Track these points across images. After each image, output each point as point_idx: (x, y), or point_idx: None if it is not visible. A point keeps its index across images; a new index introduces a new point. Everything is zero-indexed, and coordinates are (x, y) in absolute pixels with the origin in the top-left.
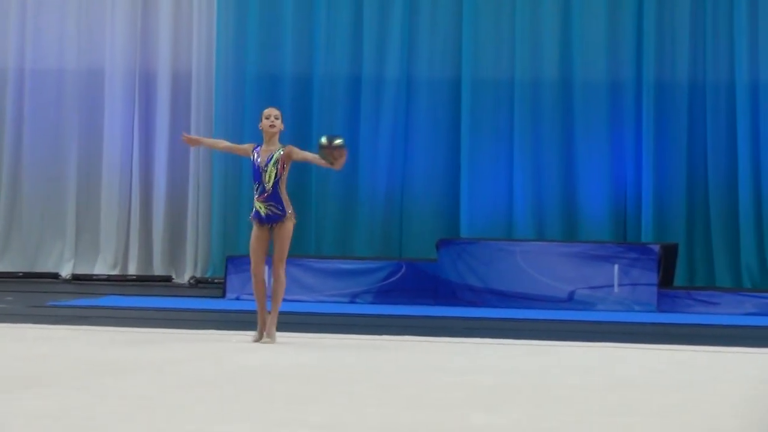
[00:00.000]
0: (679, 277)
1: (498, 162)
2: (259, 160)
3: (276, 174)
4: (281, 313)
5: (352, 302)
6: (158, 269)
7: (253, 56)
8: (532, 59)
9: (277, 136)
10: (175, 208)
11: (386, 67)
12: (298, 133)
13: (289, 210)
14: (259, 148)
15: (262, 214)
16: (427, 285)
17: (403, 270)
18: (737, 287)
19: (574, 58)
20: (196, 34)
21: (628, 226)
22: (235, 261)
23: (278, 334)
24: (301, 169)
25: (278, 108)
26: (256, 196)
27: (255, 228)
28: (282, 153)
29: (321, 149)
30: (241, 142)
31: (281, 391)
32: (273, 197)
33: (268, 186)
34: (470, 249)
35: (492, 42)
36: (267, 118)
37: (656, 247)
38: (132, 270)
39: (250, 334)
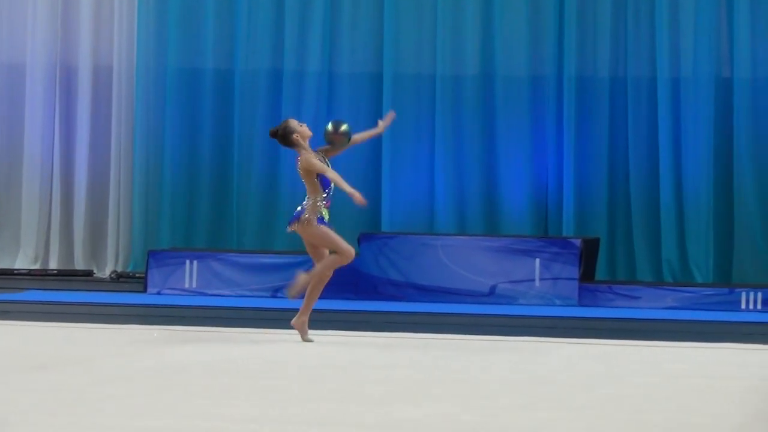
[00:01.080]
0: (601, 271)
1: (419, 156)
2: (321, 156)
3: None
4: (211, 307)
5: (273, 296)
6: (79, 264)
7: (174, 50)
8: (453, 54)
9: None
10: (96, 202)
11: (308, 60)
12: (219, 127)
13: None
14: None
15: (326, 220)
16: (349, 279)
17: None
18: (658, 281)
19: (495, 53)
20: (117, 28)
21: (549, 220)
22: (157, 255)
23: (198, 329)
24: (222, 163)
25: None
26: (326, 203)
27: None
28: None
29: (326, 135)
30: (161, 136)
31: (204, 385)
32: (328, 200)
33: (332, 189)
34: (391, 243)
35: (413, 36)
36: (301, 125)
37: (577, 242)
38: (53, 264)
39: (173, 328)
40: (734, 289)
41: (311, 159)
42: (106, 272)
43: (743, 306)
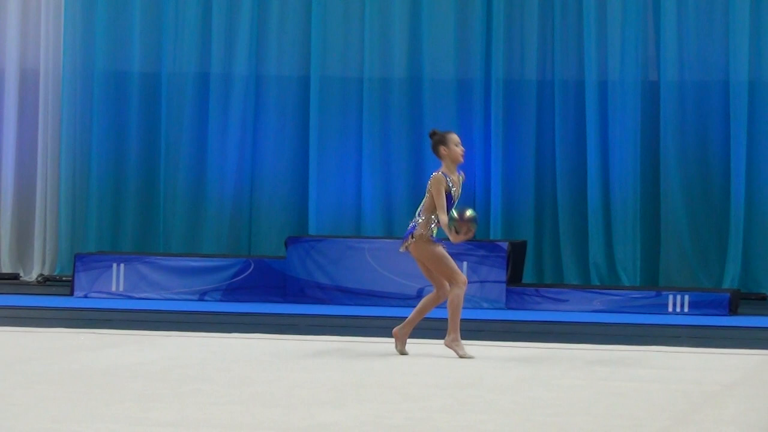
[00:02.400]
0: (528, 275)
1: (347, 159)
2: (453, 189)
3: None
4: (137, 311)
5: (200, 300)
6: (6, 267)
7: (101, 53)
8: (381, 57)
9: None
10: (23, 205)
11: (235, 64)
12: (146, 130)
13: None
14: (447, 177)
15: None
16: (276, 282)
17: (252, 267)
18: (585, 284)
19: (423, 56)
20: (43, 31)
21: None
22: (84, 259)
23: (125, 332)
24: (149, 166)
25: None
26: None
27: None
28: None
29: (452, 221)
30: (88, 139)
31: (130, 389)
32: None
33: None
34: (319, 246)
35: (341, 39)
36: (457, 146)
37: (505, 245)
38: None
39: (99, 332)
40: (661, 291)
41: (440, 185)
42: (33, 276)
43: (670, 309)
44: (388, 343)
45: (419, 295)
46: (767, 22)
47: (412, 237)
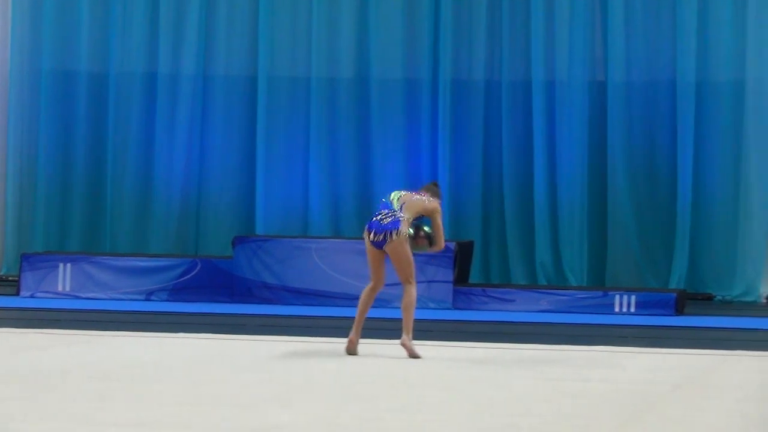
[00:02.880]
0: (475, 275)
1: (294, 159)
2: None
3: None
4: (84, 310)
5: (147, 300)
6: None
7: (48, 52)
8: (328, 57)
9: None
10: None
11: (182, 63)
12: (94, 130)
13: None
14: None
15: None
16: (223, 282)
17: (199, 267)
18: (532, 284)
19: (370, 56)
20: None
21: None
22: (30, 258)
23: (72, 332)
24: (96, 166)
25: None
26: None
27: None
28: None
29: (410, 239)
30: (35, 138)
31: (78, 389)
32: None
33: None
34: (266, 246)
35: (288, 39)
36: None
37: (452, 245)
38: None
39: (46, 332)
40: (608, 292)
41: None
42: None
43: (617, 309)
44: (335, 343)
45: None
46: (714, 23)
47: (397, 233)
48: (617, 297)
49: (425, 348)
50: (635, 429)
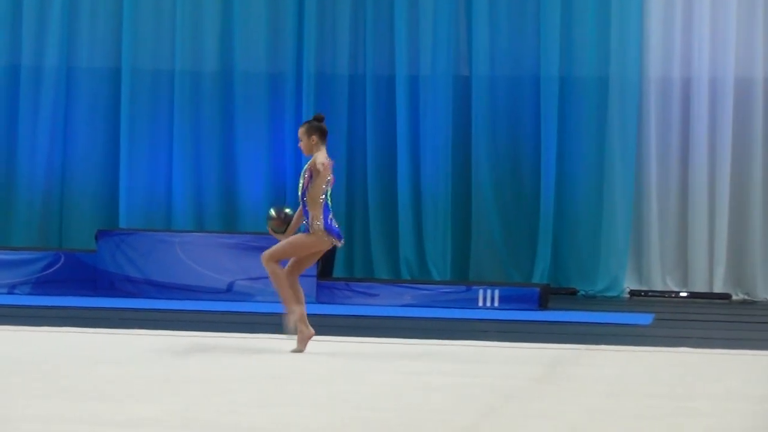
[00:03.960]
0: (338, 269)
1: (158, 152)
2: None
3: (303, 185)
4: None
5: (10, 293)
6: None
7: None
8: (192, 50)
9: (313, 152)
10: None
11: (45, 55)
12: None
13: (315, 223)
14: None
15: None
16: (86, 276)
17: (62, 260)
18: (396, 279)
19: (234, 49)
20: None
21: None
22: None
23: None
24: None
25: (305, 123)
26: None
27: None
28: (309, 163)
29: (269, 221)
30: None
31: None
32: (304, 209)
33: (299, 198)
34: (129, 240)
35: (152, 31)
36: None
37: None
38: None
39: None
40: (471, 286)
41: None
42: None
43: (480, 303)
44: (198, 337)
45: (230, 288)
46: (578, 18)
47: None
48: (481, 291)
49: (278, 342)
50: (496, 422)
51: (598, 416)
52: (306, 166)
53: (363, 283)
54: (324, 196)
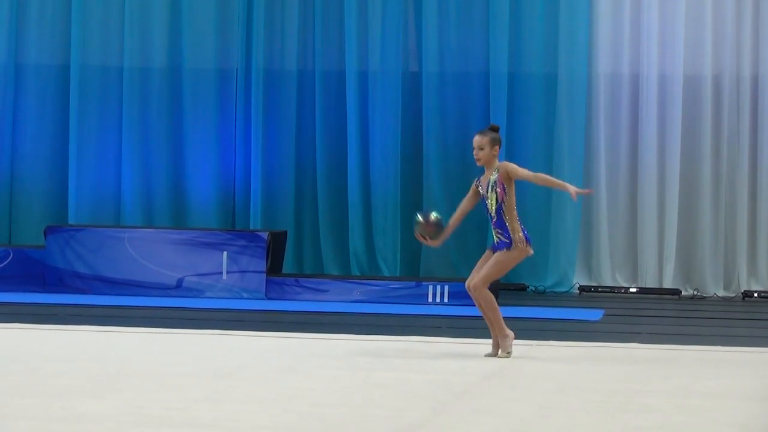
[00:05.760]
0: (288, 265)
1: (107, 149)
2: (481, 190)
3: (497, 199)
4: None
5: None
6: None
7: None
8: (141, 46)
9: (491, 162)
10: None
11: None
12: None
13: (517, 236)
14: (480, 178)
15: (494, 241)
16: (35, 272)
17: (11, 257)
18: (346, 275)
19: (183, 45)
20: None
21: (236, 213)
22: None
23: None
24: None
25: (485, 132)
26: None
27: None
28: (498, 174)
29: (417, 225)
30: None
31: None
32: (498, 224)
33: (492, 213)
34: (78, 236)
35: (100, 28)
36: (473, 149)
37: (265, 235)
38: None
39: None
40: (421, 282)
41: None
42: None
43: (430, 299)
44: (148, 333)
45: (179, 284)
46: (527, 15)
47: (512, 245)
48: (430, 287)
49: (237, 338)
50: (446, 419)
51: (548, 412)
52: (492, 179)
53: (312, 279)
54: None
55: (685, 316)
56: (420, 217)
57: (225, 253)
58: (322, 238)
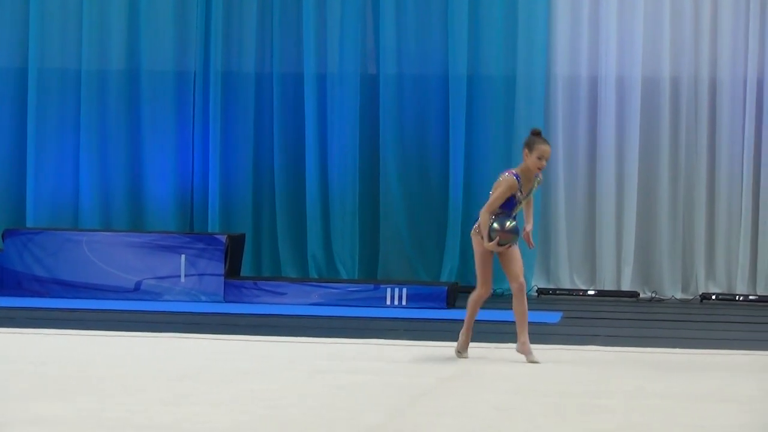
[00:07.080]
0: (246, 268)
1: (65, 152)
2: (519, 194)
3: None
4: None
5: None
6: None
7: None
8: (99, 48)
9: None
10: None
11: None
12: None
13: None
14: (521, 180)
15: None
16: None
17: None
18: (304, 277)
19: (141, 48)
20: None
21: (195, 215)
22: None
23: None
24: None
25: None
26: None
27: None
28: (537, 181)
29: (494, 233)
30: None
31: None
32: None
33: (516, 213)
34: (36, 239)
35: (58, 31)
36: (540, 159)
37: (223, 237)
38: None
39: None
40: (379, 285)
41: (503, 186)
42: None
43: (388, 302)
44: (107, 336)
45: (137, 288)
46: (486, 17)
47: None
48: (388, 290)
49: (196, 341)
50: (404, 421)
51: (507, 414)
52: (536, 181)
53: (271, 281)
54: None
55: (643, 319)
56: (496, 225)
57: (183, 256)
58: (280, 240)
